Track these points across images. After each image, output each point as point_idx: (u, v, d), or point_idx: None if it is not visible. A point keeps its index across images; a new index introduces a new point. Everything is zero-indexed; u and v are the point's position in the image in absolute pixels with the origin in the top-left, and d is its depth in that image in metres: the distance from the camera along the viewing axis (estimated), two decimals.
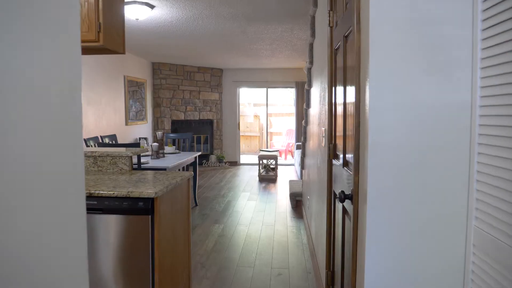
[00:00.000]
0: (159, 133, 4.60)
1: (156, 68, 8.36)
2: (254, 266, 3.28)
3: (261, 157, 7.52)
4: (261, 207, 5.35)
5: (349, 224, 1.56)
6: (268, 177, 7.57)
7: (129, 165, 2.50)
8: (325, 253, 2.24)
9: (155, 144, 4.47)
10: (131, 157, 2.51)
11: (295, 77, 9.46)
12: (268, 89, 9.70)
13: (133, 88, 7.34)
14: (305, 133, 4.54)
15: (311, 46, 3.75)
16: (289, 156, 11.52)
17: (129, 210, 1.85)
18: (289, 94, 14.95)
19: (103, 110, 6.09)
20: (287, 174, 8.31)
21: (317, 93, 3.24)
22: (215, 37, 5.71)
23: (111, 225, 1.89)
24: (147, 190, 1.88)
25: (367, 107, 1.23)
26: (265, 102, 9.75)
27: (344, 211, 1.69)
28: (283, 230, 4.30)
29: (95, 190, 1.89)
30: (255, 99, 13.56)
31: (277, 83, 9.56)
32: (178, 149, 5.47)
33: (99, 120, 5.95)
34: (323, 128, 2.57)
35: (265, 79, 9.53)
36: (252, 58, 7.83)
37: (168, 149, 5.14)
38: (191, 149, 8.97)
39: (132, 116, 7.31)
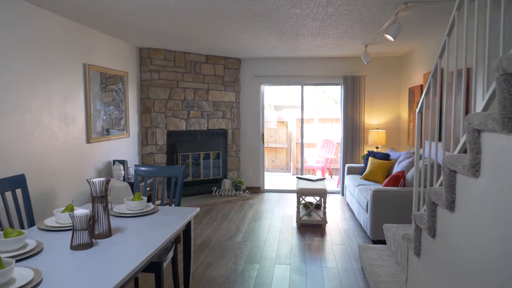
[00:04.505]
0: (95, 181, 1.94)
1: (145, 57, 5.76)
2: None
3: (301, 193, 4.80)
4: None
5: None
6: (311, 222, 4.85)
7: None
8: None
9: (81, 212, 1.82)
10: None
11: (342, 70, 6.72)
12: (304, 86, 6.97)
13: (105, 84, 4.74)
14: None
15: None
16: (326, 175, 8.76)
17: None
18: (320, 94, 12.20)
19: (35, 120, 3.49)
20: (334, 209, 5.57)
21: None
22: None
23: None
24: None
25: None
26: (300, 104, 7.01)
27: None
28: None
29: None
30: (277, 100, 10.86)
31: (317, 78, 6.83)
32: (155, 201, 2.83)
33: (27, 138, 3.35)
34: None
35: (299, 72, 6.82)
36: (285, 39, 5.13)
37: (131, 205, 2.48)
38: (194, 180, 6.32)
39: (103, 126, 4.71)
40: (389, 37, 3.96)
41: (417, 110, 2.51)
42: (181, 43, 5.48)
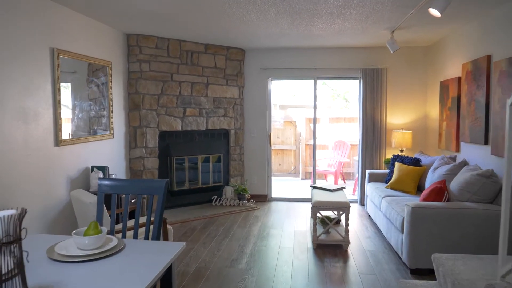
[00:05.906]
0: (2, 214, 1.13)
1: (133, 44, 4.94)
2: None
3: (317, 207, 3.96)
4: None
5: None
6: (331, 242, 4.00)
7: None
8: None
9: None
10: None
11: (361, 62, 5.87)
12: (317, 80, 6.13)
13: (92, 77, 3.93)
14: None
15: None
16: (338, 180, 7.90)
17: None
18: (329, 92, 11.34)
19: None
20: (354, 223, 4.72)
21: None
22: None
23: None
24: None
25: None
26: (312, 102, 6.18)
27: None
28: None
29: None
30: (283, 99, 9.99)
31: (332, 71, 5.99)
32: (125, 228, 2.02)
33: None
34: None
35: (311, 64, 5.98)
36: (298, 22, 4.30)
37: (82, 242, 1.66)
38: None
39: (79, 126, 3.90)
40: (435, 12, 3.12)
41: (508, 101, 1.68)
42: (176, 29, 4.66)
